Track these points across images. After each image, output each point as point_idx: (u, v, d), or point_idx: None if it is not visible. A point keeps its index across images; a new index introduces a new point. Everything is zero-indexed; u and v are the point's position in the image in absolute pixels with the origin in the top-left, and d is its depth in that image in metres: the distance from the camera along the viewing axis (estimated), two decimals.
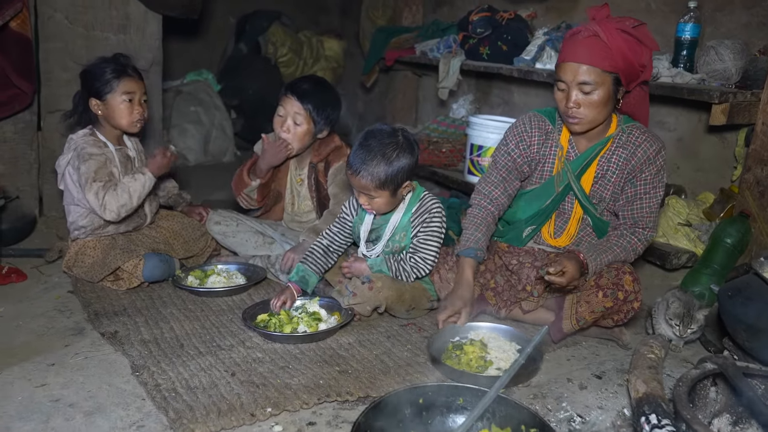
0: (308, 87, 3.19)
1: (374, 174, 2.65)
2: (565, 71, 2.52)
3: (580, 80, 2.48)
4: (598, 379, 2.45)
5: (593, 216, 2.72)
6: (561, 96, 2.58)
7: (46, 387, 2.23)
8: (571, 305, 2.63)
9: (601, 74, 2.47)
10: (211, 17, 6.57)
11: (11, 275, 3.12)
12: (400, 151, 2.67)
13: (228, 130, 6.09)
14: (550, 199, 2.76)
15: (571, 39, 2.54)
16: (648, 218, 2.65)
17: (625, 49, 2.46)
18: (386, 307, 2.79)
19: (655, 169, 2.62)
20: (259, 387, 2.26)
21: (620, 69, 2.48)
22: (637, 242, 2.65)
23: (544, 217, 2.80)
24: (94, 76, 3.05)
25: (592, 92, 2.49)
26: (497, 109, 4.89)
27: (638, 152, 2.62)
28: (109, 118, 3.09)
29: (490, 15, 4.39)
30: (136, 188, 3.03)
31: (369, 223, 2.89)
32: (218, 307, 2.95)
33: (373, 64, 5.50)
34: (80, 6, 3.84)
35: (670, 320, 2.61)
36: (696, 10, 3.32)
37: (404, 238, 2.84)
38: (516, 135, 2.79)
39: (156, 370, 2.35)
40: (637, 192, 2.65)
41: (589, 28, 2.48)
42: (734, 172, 3.38)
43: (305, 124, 3.19)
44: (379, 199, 2.72)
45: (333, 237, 2.99)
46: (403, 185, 2.73)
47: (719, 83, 3.19)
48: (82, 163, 2.99)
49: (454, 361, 2.43)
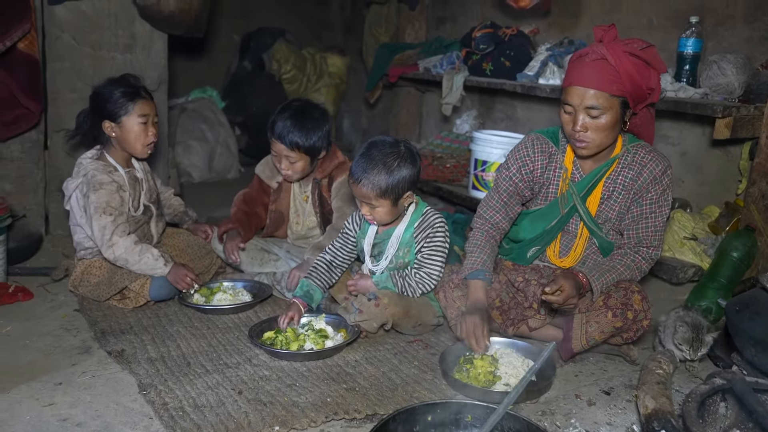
0: (290, 125, 3.16)
1: (375, 183, 2.65)
2: (572, 95, 2.47)
3: (587, 104, 2.44)
4: (606, 395, 2.44)
5: (599, 237, 2.70)
6: (568, 119, 2.54)
7: (54, 406, 2.22)
8: (580, 325, 2.61)
9: (608, 98, 2.43)
10: (215, 35, 6.61)
11: (18, 294, 3.11)
12: (401, 161, 2.68)
13: (232, 146, 6.10)
14: (555, 221, 2.73)
15: (578, 62, 2.49)
16: (653, 237, 2.63)
17: (633, 72, 2.41)
18: (393, 324, 2.78)
19: (661, 189, 2.60)
20: (266, 405, 2.24)
21: (628, 92, 2.44)
22: (642, 261, 2.64)
23: (549, 238, 2.78)
24: (108, 98, 3.03)
25: (600, 116, 2.45)
26: (501, 125, 4.91)
27: (644, 172, 2.60)
28: (123, 140, 3.07)
29: (493, 31, 4.41)
30: (146, 263, 3.01)
31: (372, 237, 2.89)
32: (224, 324, 2.94)
33: (376, 80, 5.52)
34: (87, 26, 3.87)
35: (680, 345, 2.57)
36: (697, 25, 3.33)
37: (408, 253, 2.84)
38: (518, 159, 2.76)
39: (163, 388, 2.34)
40: (642, 211, 2.63)
41: (597, 50, 2.43)
42: (739, 185, 3.38)
43: (300, 160, 3.21)
44: (380, 208, 2.72)
45: (336, 252, 2.99)
46: (404, 195, 2.73)
47: (722, 97, 3.20)
48: (92, 192, 2.98)
49: (463, 374, 2.42)
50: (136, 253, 2.99)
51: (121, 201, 3.04)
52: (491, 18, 4.72)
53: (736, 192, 3.43)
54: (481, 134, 4.20)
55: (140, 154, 3.13)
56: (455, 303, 2.76)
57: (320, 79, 6.70)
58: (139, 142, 3.08)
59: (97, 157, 3.11)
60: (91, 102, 3.10)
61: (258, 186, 3.48)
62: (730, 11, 3.46)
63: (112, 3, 3.89)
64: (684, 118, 3.58)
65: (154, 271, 3.03)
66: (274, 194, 3.43)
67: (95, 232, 2.98)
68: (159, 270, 3.03)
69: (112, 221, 2.97)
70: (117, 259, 3.00)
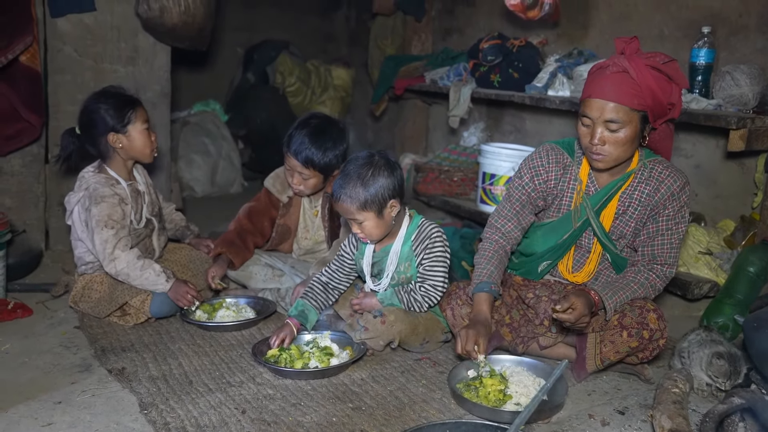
0: (307, 142, 3.11)
1: (353, 196, 2.64)
2: (591, 108, 2.42)
3: (606, 118, 2.38)
4: (620, 414, 2.39)
5: (612, 253, 2.65)
6: (585, 132, 2.48)
7: (53, 426, 2.19)
8: (594, 345, 2.56)
9: (629, 112, 2.37)
10: (218, 48, 6.61)
11: (17, 310, 3.08)
12: (376, 170, 2.67)
13: (235, 160, 6.09)
14: (568, 234, 2.68)
15: (599, 73, 2.43)
16: (668, 254, 2.57)
17: (654, 86, 2.36)
18: (399, 341, 2.74)
19: (678, 205, 2.55)
20: (270, 425, 2.21)
21: (648, 107, 2.39)
22: (656, 279, 2.58)
23: (561, 251, 2.72)
24: (109, 111, 3.00)
25: (619, 130, 2.39)
26: (509, 137, 4.87)
27: (662, 188, 2.54)
28: (130, 149, 3.06)
29: (501, 42, 4.37)
30: (147, 278, 2.97)
31: (370, 256, 2.86)
32: (227, 342, 2.90)
33: (382, 93, 5.49)
34: (89, 39, 3.86)
35: (716, 378, 2.48)
36: (710, 36, 3.30)
37: (409, 268, 2.80)
38: (531, 169, 2.71)
39: (165, 407, 2.31)
40: (659, 228, 2.57)
41: (618, 63, 2.38)
42: (755, 198, 3.33)
43: (313, 177, 3.19)
44: (366, 222, 2.69)
45: (332, 275, 2.95)
46: (387, 205, 2.69)
47: (736, 108, 3.16)
48: (94, 205, 2.96)
49: (472, 393, 2.38)
50: (137, 268, 2.96)
51: (123, 214, 3.01)
52: (499, 29, 4.69)
53: (751, 205, 3.38)
54: (490, 147, 4.16)
55: (148, 159, 3.14)
56: (464, 321, 2.70)
57: (325, 91, 6.68)
58: (147, 148, 3.09)
59: (98, 171, 3.09)
60: (87, 119, 3.04)
61: (266, 200, 3.42)
62: (743, 21, 3.42)
63: (115, 15, 3.89)
64: (697, 130, 3.53)
65: (155, 287, 2.99)
66: (284, 209, 3.39)
67: (97, 245, 2.95)
68: (160, 286, 2.99)
69: (113, 234, 2.94)
70: (118, 273, 2.96)
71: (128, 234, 3.02)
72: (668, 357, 2.76)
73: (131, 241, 3.04)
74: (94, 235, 2.95)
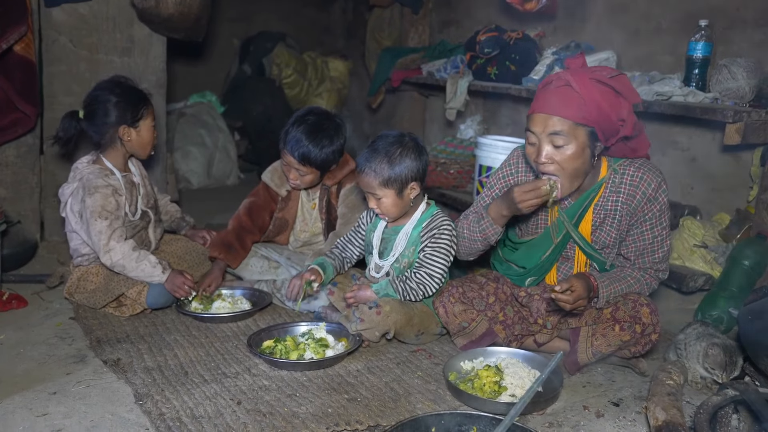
0: (304, 139, 3.09)
1: (377, 171, 2.69)
2: (535, 123, 2.38)
3: (550, 131, 2.34)
4: (615, 406, 2.39)
5: (599, 261, 2.64)
6: (532, 150, 2.44)
7: (48, 417, 2.19)
8: (586, 338, 2.56)
9: (573, 126, 2.33)
10: (215, 39, 6.59)
11: (12, 302, 3.08)
12: (404, 151, 2.72)
13: (231, 152, 6.08)
14: (550, 251, 2.66)
15: (543, 89, 2.41)
16: (660, 260, 2.60)
17: (599, 100, 2.30)
18: (395, 333, 2.74)
19: (657, 207, 2.52)
20: (266, 416, 2.21)
21: (594, 121, 2.33)
22: (651, 279, 2.61)
23: (546, 268, 2.72)
24: (123, 104, 3.01)
25: (565, 146, 2.35)
26: (506, 130, 4.85)
27: (637, 194, 2.50)
28: (136, 144, 3.07)
29: (498, 35, 4.36)
30: (143, 270, 2.96)
31: (381, 231, 2.89)
32: (223, 333, 2.90)
33: (379, 85, 5.49)
34: (85, 29, 3.84)
35: (712, 370, 2.48)
36: (707, 29, 3.29)
37: (413, 253, 2.82)
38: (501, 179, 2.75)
39: (160, 398, 2.31)
40: (644, 237, 2.56)
41: (562, 77, 2.35)
42: (750, 192, 3.33)
43: (309, 174, 3.18)
44: (385, 199, 2.73)
45: (345, 245, 3.04)
46: (408, 186, 2.73)
47: (733, 102, 3.16)
48: (88, 196, 2.95)
49: (467, 385, 2.39)
50: (133, 259, 2.95)
51: (117, 205, 3.00)
52: (496, 22, 4.67)
53: (747, 199, 3.38)
54: (486, 140, 4.15)
55: (146, 155, 3.16)
56: (456, 319, 2.70)
57: (321, 83, 6.67)
58: (150, 145, 3.12)
59: (93, 161, 3.08)
60: (99, 108, 3.01)
61: (265, 194, 3.41)
62: (740, 14, 3.41)
63: (111, 5, 3.86)
64: (693, 123, 3.53)
65: (152, 278, 2.98)
66: (282, 202, 3.39)
67: (92, 236, 2.94)
68: (157, 277, 2.98)
69: (107, 225, 2.93)
70: (114, 264, 2.96)
71: (123, 225, 3.01)
72: (663, 349, 2.76)
73: (127, 233, 3.03)
74: (89, 227, 2.94)
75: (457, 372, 2.50)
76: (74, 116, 3.05)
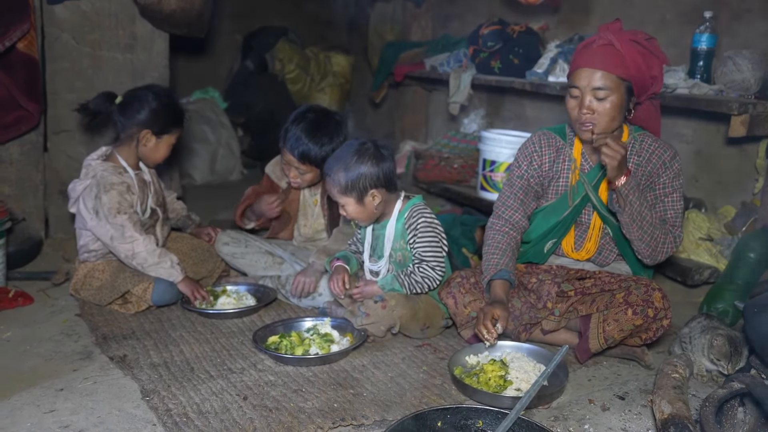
0: (303, 138, 3.08)
1: (335, 180, 2.69)
2: (579, 77, 2.52)
3: (594, 85, 2.48)
4: (621, 400, 2.39)
5: (612, 225, 2.67)
6: (574, 103, 2.57)
7: (55, 413, 2.20)
8: (597, 324, 2.56)
9: (615, 80, 2.48)
10: (217, 35, 6.58)
11: (18, 299, 3.08)
12: (360, 159, 2.69)
13: (235, 148, 6.07)
14: (567, 212, 2.71)
15: (586, 48, 2.56)
16: (674, 218, 2.62)
17: (638, 58, 2.50)
18: (400, 327, 2.74)
19: (672, 173, 2.61)
20: (272, 411, 2.21)
21: (633, 77, 2.50)
22: (669, 234, 2.60)
23: (564, 229, 2.75)
24: (160, 113, 3.04)
25: (606, 98, 2.49)
26: (509, 124, 4.85)
27: (653, 159, 2.62)
28: (148, 152, 3.09)
29: (501, 28, 4.35)
30: (163, 267, 2.99)
31: (370, 234, 2.90)
32: (228, 329, 2.90)
33: (382, 79, 5.48)
34: (87, 26, 3.83)
35: (717, 360, 2.48)
36: (712, 20, 3.27)
37: (404, 245, 2.82)
38: (527, 156, 2.78)
39: (166, 394, 2.31)
40: (657, 195, 2.62)
41: (604, 36, 2.52)
42: (756, 184, 3.32)
43: (309, 172, 3.18)
44: (348, 206, 2.74)
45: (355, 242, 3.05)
46: (368, 193, 2.70)
47: (738, 94, 3.14)
48: (104, 193, 2.95)
49: (473, 379, 2.39)
50: (156, 255, 2.98)
51: (130, 204, 3.01)
52: (499, 15, 4.66)
53: (753, 191, 3.37)
54: (490, 134, 4.15)
55: (152, 166, 3.20)
56: (465, 310, 2.70)
57: (324, 78, 6.66)
58: (161, 160, 3.16)
59: (105, 158, 3.09)
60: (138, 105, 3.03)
61: (268, 185, 3.43)
62: (745, 6, 3.40)
63: (113, 2, 3.86)
64: (698, 116, 3.52)
65: (169, 276, 3.01)
66: (283, 194, 3.38)
67: (113, 232, 2.95)
68: (174, 276, 3.01)
69: (128, 218, 2.96)
70: (136, 255, 2.96)
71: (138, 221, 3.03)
72: (668, 342, 2.76)
73: None
74: (107, 223, 2.94)
75: (462, 366, 2.50)
76: (111, 98, 3.07)
